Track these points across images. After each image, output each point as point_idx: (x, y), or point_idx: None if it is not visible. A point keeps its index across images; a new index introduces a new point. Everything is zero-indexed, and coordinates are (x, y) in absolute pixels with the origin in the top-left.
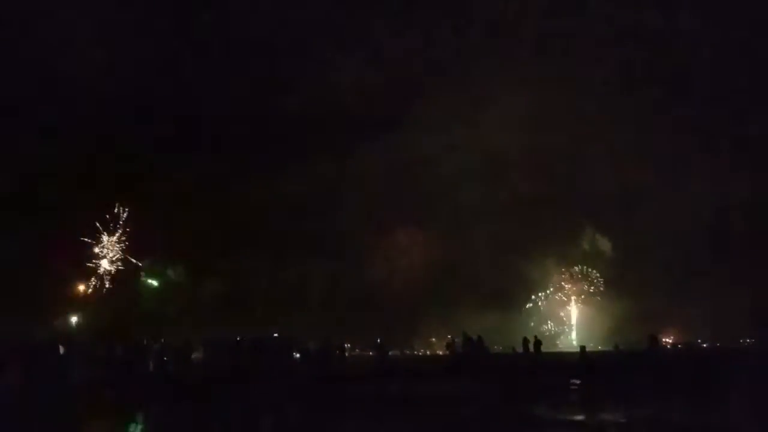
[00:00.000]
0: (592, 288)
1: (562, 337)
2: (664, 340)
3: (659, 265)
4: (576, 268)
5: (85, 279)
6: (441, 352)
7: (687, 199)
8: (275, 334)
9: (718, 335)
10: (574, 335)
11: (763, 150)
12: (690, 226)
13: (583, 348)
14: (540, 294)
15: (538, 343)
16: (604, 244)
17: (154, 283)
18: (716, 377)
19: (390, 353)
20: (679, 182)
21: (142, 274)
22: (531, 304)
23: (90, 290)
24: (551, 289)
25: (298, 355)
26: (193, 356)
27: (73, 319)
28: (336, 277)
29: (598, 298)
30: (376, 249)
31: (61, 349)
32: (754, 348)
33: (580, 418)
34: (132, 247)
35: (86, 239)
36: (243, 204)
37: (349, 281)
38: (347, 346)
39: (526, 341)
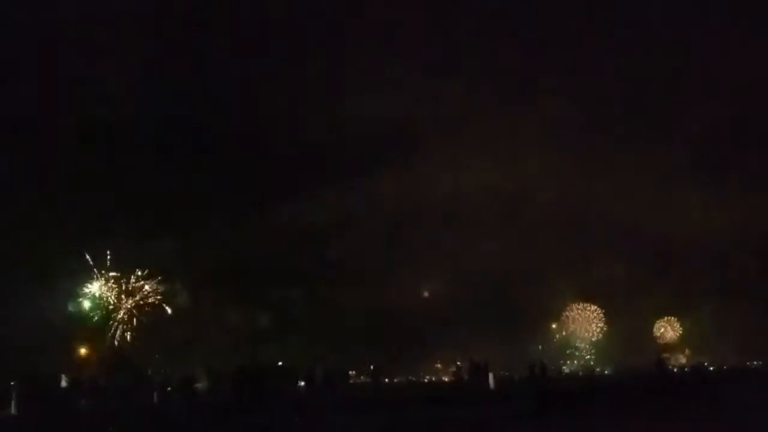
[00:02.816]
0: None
1: (569, 362)
2: (671, 363)
3: (668, 290)
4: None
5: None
6: (447, 378)
7: (698, 227)
8: (279, 363)
9: (725, 358)
10: (581, 359)
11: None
12: (698, 253)
13: (591, 371)
14: (550, 319)
15: (543, 367)
16: (619, 270)
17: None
18: (721, 399)
19: (396, 380)
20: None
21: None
22: (543, 330)
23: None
24: (562, 316)
25: (302, 383)
26: (197, 386)
27: (82, 351)
28: (344, 305)
29: (601, 327)
30: (387, 278)
31: (64, 381)
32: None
33: None
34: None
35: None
36: (256, 235)
37: (357, 309)
38: (352, 373)
39: (532, 366)
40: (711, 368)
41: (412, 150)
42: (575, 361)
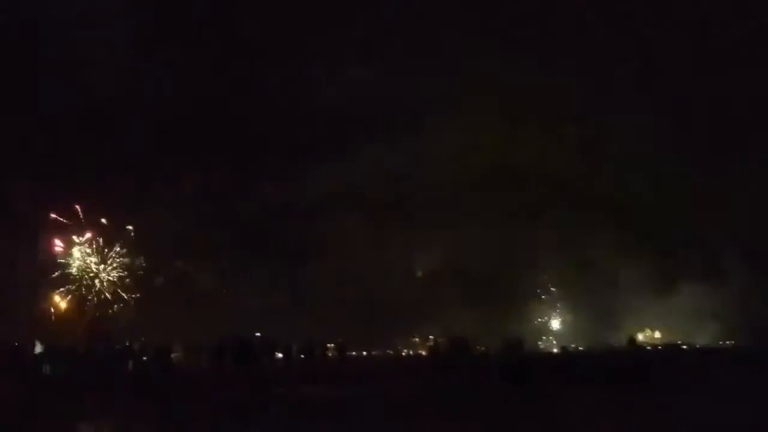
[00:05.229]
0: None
1: (544, 337)
2: (642, 340)
3: (642, 266)
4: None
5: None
6: (424, 352)
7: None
8: (257, 334)
9: (697, 336)
10: (555, 335)
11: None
12: (673, 228)
13: (564, 348)
14: (532, 298)
15: (519, 343)
16: (601, 250)
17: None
18: (693, 376)
19: (373, 353)
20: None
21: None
22: (523, 309)
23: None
24: (538, 290)
25: (280, 355)
26: (172, 356)
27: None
28: (321, 276)
29: (577, 304)
30: (364, 249)
31: (38, 347)
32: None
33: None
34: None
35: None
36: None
37: (335, 281)
38: (330, 346)
39: (507, 341)
40: (684, 347)
41: (408, 129)
42: (551, 338)
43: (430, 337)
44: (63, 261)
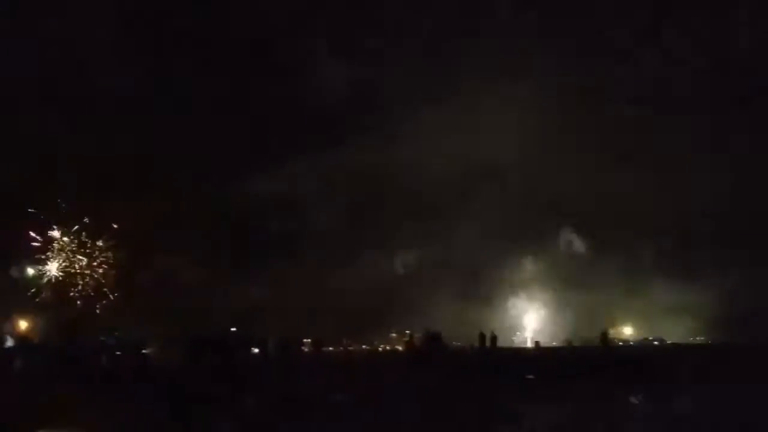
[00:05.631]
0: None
1: (518, 333)
2: (616, 337)
3: (618, 264)
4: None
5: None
6: (400, 347)
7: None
8: (232, 329)
9: (670, 333)
10: (529, 331)
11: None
12: (651, 227)
13: (537, 343)
14: (509, 295)
15: (494, 338)
16: (579, 246)
17: None
18: (664, 371)
19: (349, 349)
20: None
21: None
22: (499, 306)
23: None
24: (513, 287)
25: (256, 350)
26: (145, 351)
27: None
28: (300, 273)
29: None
30: (343, 246)
31: (10, 341)
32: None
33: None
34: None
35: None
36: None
37: (314, 277)
38: (306, 341)
39: (482, 337)
40: (655, 342)
41: (389, 127)
42: (525, 334)
43: (407, 332)
44: (43, 256)
